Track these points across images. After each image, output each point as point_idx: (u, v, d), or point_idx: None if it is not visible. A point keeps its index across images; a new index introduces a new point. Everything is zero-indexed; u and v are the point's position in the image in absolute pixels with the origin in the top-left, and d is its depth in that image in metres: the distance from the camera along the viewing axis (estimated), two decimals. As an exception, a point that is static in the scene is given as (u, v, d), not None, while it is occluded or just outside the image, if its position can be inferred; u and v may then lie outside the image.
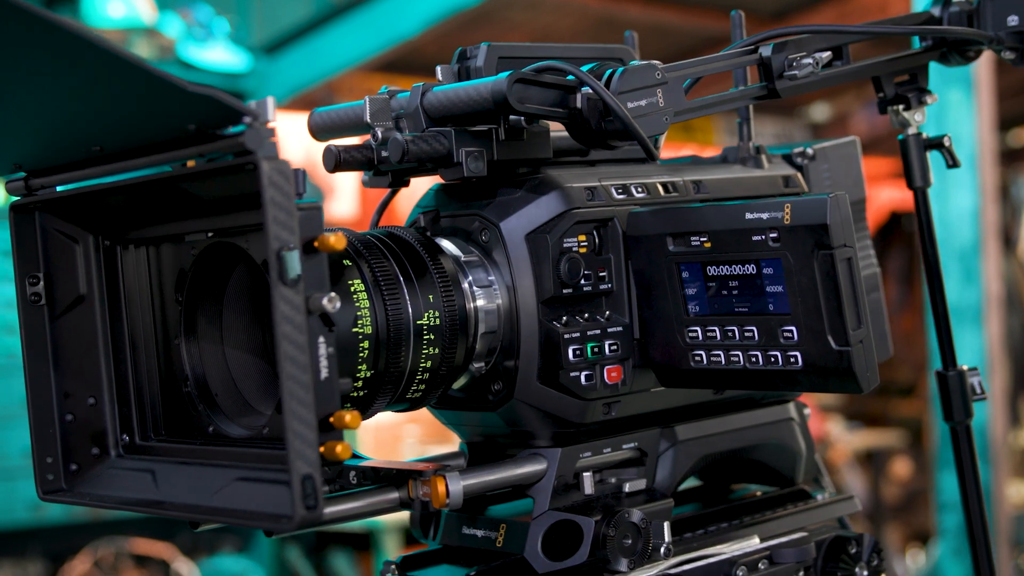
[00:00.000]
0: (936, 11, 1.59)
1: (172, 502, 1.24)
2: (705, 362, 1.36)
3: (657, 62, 1.37)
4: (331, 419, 1.10)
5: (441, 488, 1.30)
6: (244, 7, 7.12)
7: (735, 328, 1.34)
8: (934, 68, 1.63)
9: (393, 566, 1.48)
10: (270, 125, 1.07)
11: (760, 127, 1.59)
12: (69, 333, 1.31)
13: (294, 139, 7.02)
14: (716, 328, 1.35)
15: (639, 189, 1.43)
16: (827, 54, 1.47)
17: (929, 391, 4.32)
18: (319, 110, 1.47)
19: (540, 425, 1.39)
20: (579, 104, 1.34)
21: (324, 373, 1.10)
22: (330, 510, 1.26)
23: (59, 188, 1.25)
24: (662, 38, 5.74)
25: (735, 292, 1.33)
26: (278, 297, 1.05)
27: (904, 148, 1.63)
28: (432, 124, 1.36)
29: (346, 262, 1.28)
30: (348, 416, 1.10)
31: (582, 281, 1.37)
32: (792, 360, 1.30)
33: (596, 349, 1.37)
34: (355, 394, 1.27)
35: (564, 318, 1.36)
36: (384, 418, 6.24)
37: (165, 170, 1.17)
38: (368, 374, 1.27)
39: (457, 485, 1.31)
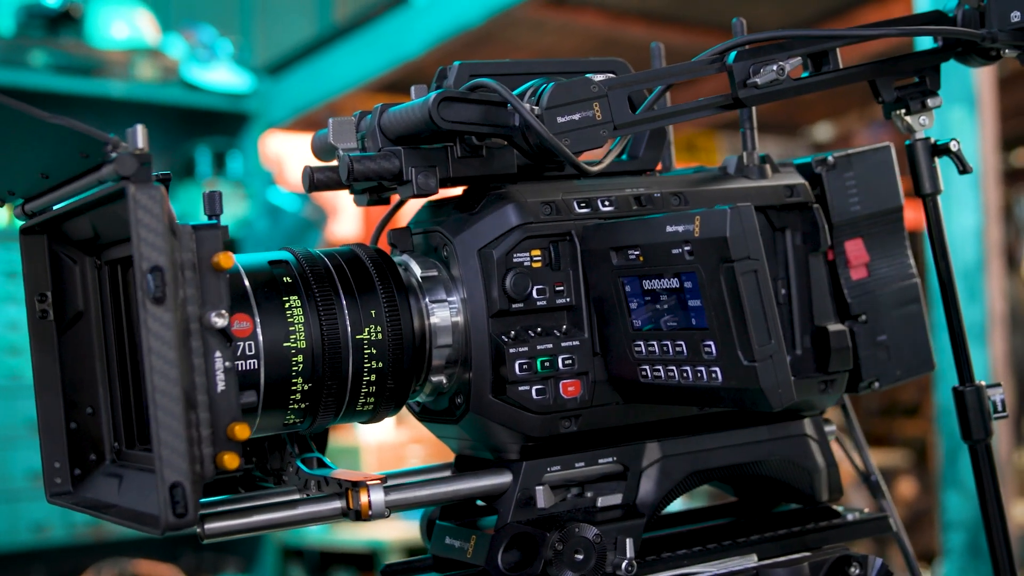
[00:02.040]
0: (950, 10, 1.52)
1: (118, 506, 1.29)
2: (650, 377, 1.35)
3: (594, 75, 1.37)
4: (225, 430, 1.17)
5: (364, 499, 1.32)
6: (247, 28, 7.14)
7: (668, 343, 1.32)
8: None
9: (379, 574, 1.51)
10: (141, 152, 1.14)
11: (762, 147, 1.54)
12: (71, 347, 1.35)
13: (296, 159, 7.04)
14: (655, 342, 1.34)
15: (606, 203, 1.42)
16: (796, 60, 1.42)
17: (933, 411, 4.31)
18: (321, 132, 1.49)
19: (506, 438, 1.39)
20: (516, 121, 1.34)
21: (221, 387, 1.17)
22: (263, 518, 1.33)
23: (55, 207, 1.30)
24: (665, 57, 5.74)
25: (666, 306, 1.32)
26: (145, 315, 1.11)
27: (911, 154, 1.54)
28: (390, 143, 1.38)
29: (286, 279, 1.33)
30: (237, 427, 1.17)
31: (534, 295, 1.37)
32: (713, 376, 1.28)
33: (547, 363, 1.37)
34: (295, 406, 1.32)
35: (513, 332, 1.37)
36: (388, 437, 6.25)
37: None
38: (306, 387, 1.31)
39: (378, 497, 1.33)
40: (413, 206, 1.54)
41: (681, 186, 1.47)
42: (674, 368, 1.32)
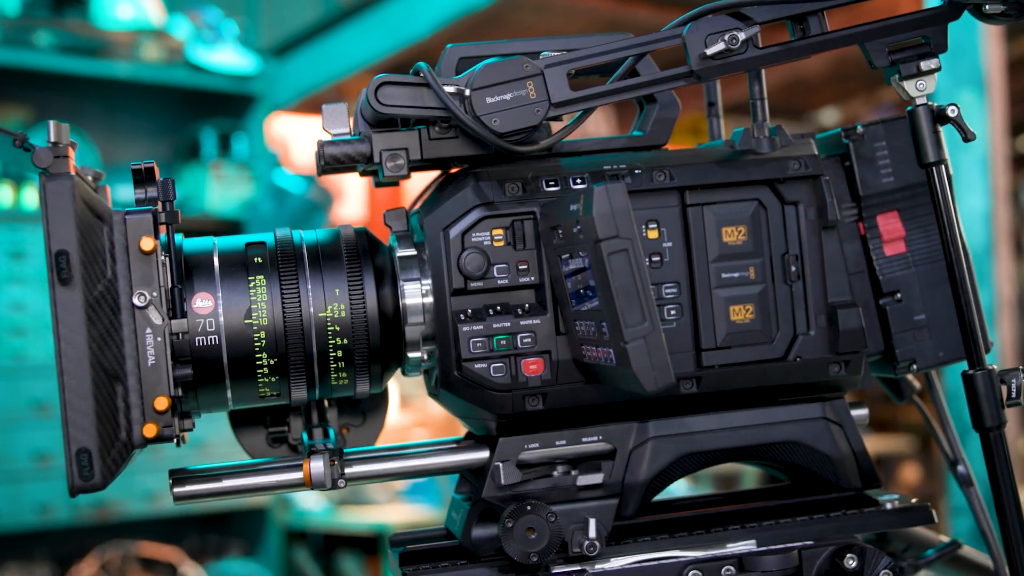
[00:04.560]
0: None
1: None
2: (586, 356, 1.36)
3: (526, 57, 1.37)
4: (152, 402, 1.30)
5: (306, 469, 1.40)
6: (253, 9, 7.12)
7: (587, 322, 1.32)
8: (948, 69, 1.50)
9: (388, 541, 1.54)
10: (56, 145, 1.26)
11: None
12: None
13: (302, 141, 7.02)
14: (582, 322, 1.34)
15: (579, 180, 1.42)
16: (753, 29, 1.37)
17: (939, 396, 4.29)
18: None
19: (482, 414, 1.41)
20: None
21: (151, 360, 1.30)
22: (227, 483, 1.42)
23: None
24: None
25: (582, 285, 1.32)
26: (53, 294, 1.24)
27: (913, 120, 1.40)
28: (371, 127, 1.42)
29: (257, 260, 1.41)
30: (156, 400, 1.30)
31: (496, 274, 1.39)
32: (610, 358, 1.28)
33: (504, 342, 1.38)
34: (264, 379, 1.40)
35: (470, 310, 1.39)
36: (393, 420, 6.27)
37: None
38: (271, 362, 1.39)
39: (318, 467, 1.40)
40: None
41: (674, 161, 1.45)
42: (593, 348, 1.33)
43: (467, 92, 1.35)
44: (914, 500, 1.51)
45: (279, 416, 1.55)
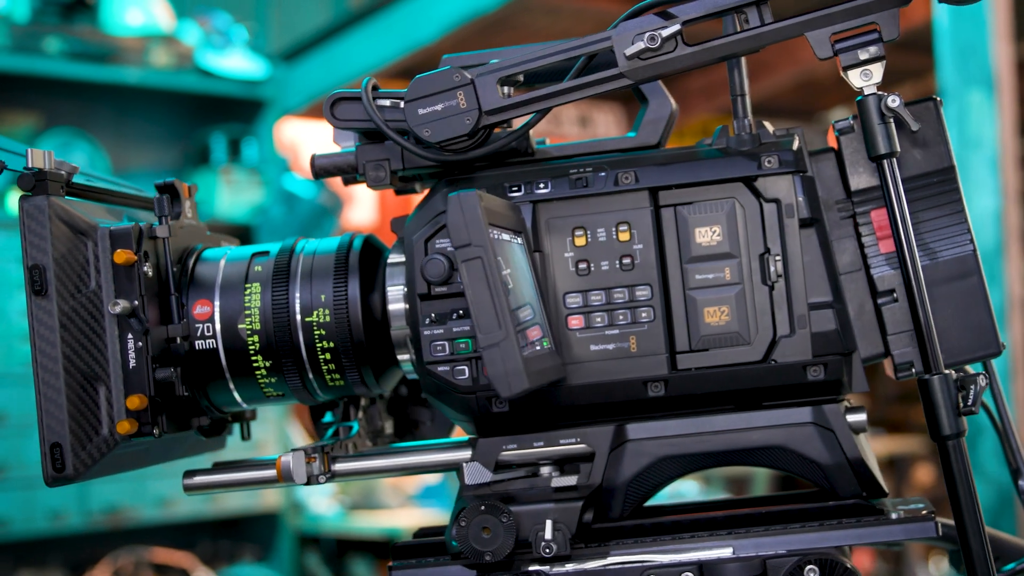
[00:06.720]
0: None
1: None
2: None
3: (457, 68, 1.39)
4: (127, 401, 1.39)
5: (278, 465, 1.46)
6: (262, 14, 7.13)
7: None
8: (956, 69, 1.46)
9: (412, 536, 1.59)
10: (35, 168, 1.36)
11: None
12: None
13: (311, 147, 7.02)
14: None
15: (542, 185, 1.43)
16: (675, 27, 1.34)
17: (1002, 402, 4.27)
18: None
19: (459, 416, 1.45)
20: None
21: (132, 363, 1.41)
22: (228, 476, 1.50)
23: None
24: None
25: None
26: (30, 304, 1.35)
27: (862, 111, 1.35)
28: (362, 138, 1.49)
29: (257, 268, 1.50)
30: (129, 400, 1.39)
31: (459, 279, 1.39)
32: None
33: (464, 345, 1.41)
34: (264, 380, 1.50)
35: (433, 315, 1.41)
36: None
37: None
38: (267, 364, 1.49)
39: (287, 463, 1.45)
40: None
41: (646, 162, 1.44)
42: None
43: (401, 104, 1.39)
44: (925, 511, 1.43)
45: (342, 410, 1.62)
